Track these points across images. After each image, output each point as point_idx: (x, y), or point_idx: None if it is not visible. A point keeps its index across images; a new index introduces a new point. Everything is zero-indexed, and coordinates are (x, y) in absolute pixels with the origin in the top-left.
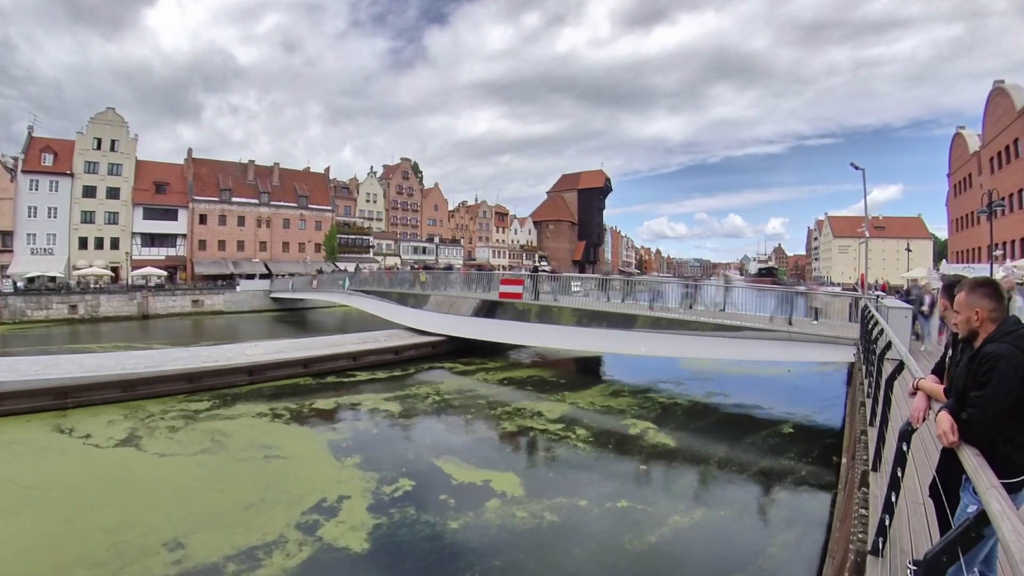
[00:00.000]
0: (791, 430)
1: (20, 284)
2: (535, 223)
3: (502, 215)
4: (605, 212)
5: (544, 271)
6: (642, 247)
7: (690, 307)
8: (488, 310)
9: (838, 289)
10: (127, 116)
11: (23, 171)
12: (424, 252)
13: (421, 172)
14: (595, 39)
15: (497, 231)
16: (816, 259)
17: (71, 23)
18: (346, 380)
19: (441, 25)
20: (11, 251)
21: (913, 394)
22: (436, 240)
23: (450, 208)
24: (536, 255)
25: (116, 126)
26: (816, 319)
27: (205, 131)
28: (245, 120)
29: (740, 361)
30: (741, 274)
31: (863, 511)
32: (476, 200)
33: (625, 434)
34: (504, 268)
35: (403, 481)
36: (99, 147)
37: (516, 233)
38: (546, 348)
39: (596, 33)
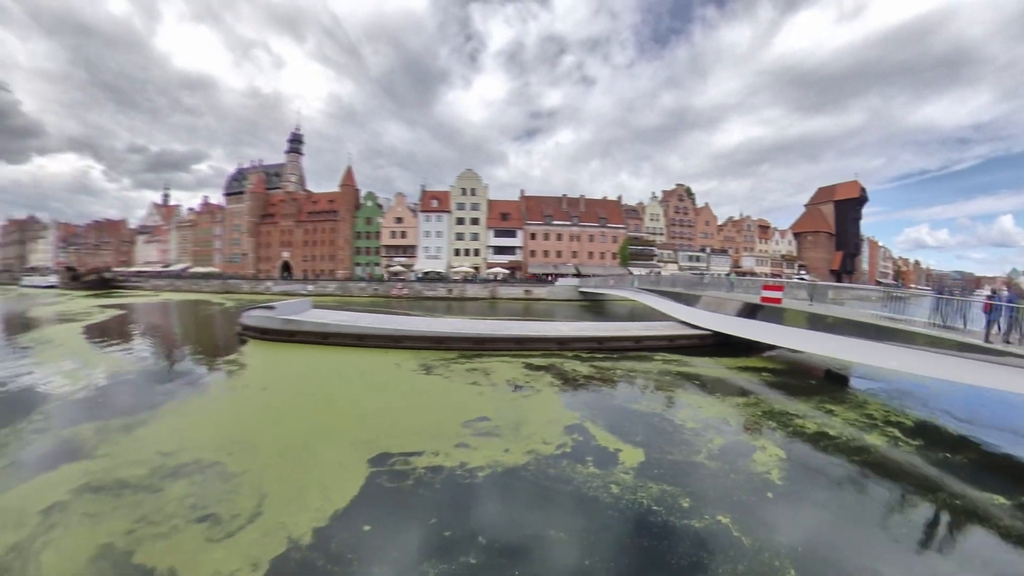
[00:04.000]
0: None
1: (419, 275)
2: (794, 234)
3: (764, 227)
4: (863, 221)
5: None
6: (899, 257)
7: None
8: (749, 312)
9: None
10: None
11: (420, 211)
12: (697, 260)
13: (693, 194)
14: (841, 14)
15: (760, 242)
16: None
17: (399, 110)
18: (626, 357)
19: (677, 40)
20: (415, 256)
21: None
22: (707, 250)
23: (719, 223)
24: (796, 264)
25: (474, 180)
26: None
27: (511, 171)
28: (538, 159)
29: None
30: (1008, 289)
31: None
32: (740, 215)
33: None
34: (767, 275)
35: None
36: (464, 193)
37: (777, 244)
38: (799, 351)
39: (841, 8)
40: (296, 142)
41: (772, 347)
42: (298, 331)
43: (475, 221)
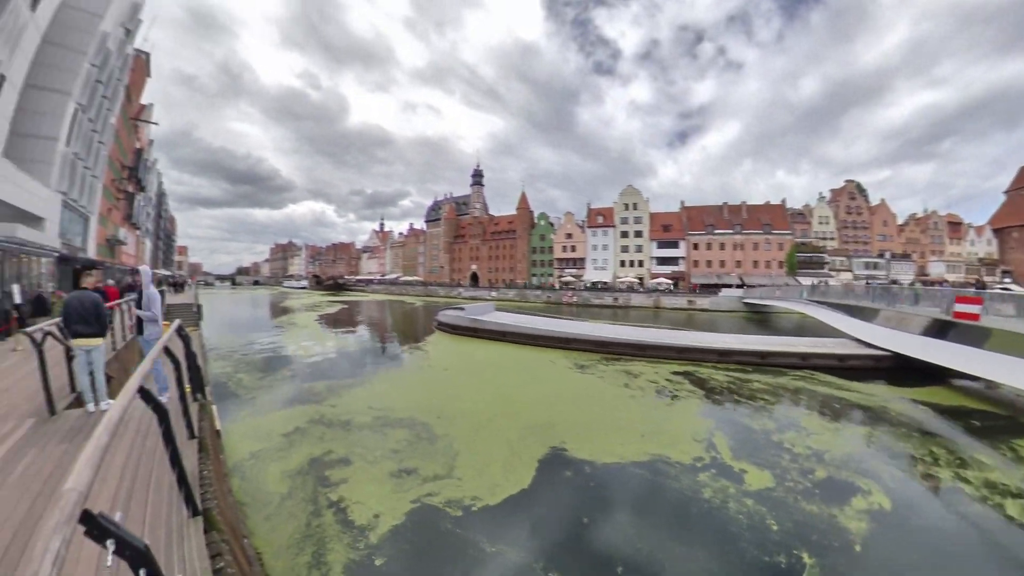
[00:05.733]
0: None
1: (587, 285)
2: (994, 231)
3: (955, 224)
4: None
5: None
6: None
7: None
8: (938, 330)
9: None
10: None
11: (588, 227)
12: (875, 267)
13: (865, 191)
14: None
15: (950, 242)
16: None
17: (544, 135)
18: (786, 374)
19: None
20: (584, 268)
21: None
22: (887, 256)
23: (899, 222)
24: (998, 270)
25: (635, 195)
26: None
27: (661, 180)
28: (687, 166)
29: None
30: None
31: None
32: (924, 210)
33: None
34: (975, 285)
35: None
36: (627, 208)
37: (972, 244)
38: (1001, 383)
39: None
40: (478, 176)
41: (968, 376)
42: (482, 329)
43: (638, 234)
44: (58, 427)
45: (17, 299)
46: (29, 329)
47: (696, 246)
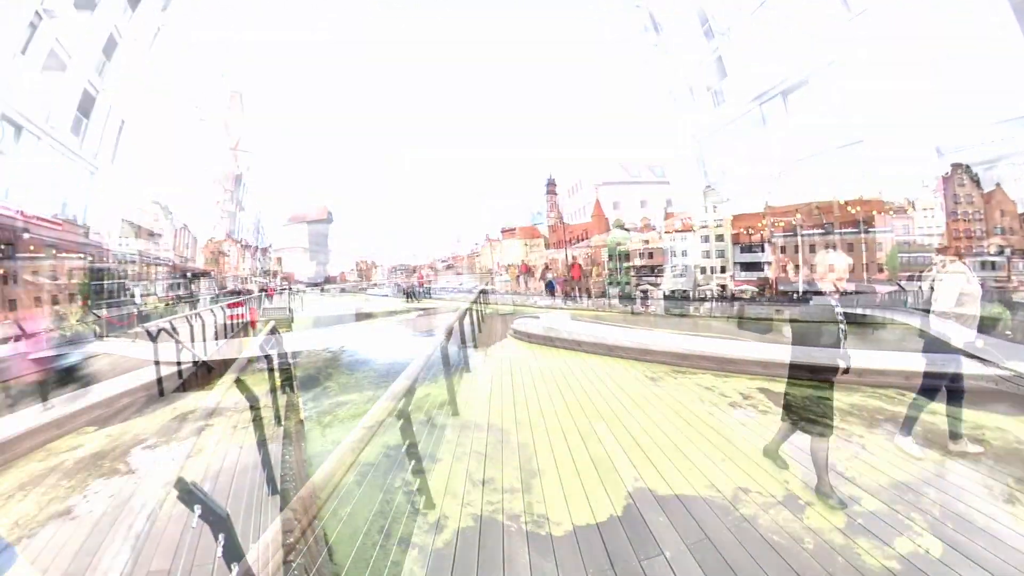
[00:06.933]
0: None
1: (666, 294)
2: None
3: None
4: None
5: None
6: None
7: None
8: None
9: None
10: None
11: (665, 232)
12: (993, 268)
13: (975, 173)
14: None
15: None
16: None
17: None
18: (862, 391)
19: None
20: (662, 276)
21: None
22: (1007, 252)
23: (1019, 210)
24: None
25: (713, 195)
26: None
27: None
28: None
29: None
30: None
31: None
32: None
33: None
34: None
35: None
36: (706, 211)
37: None
38: None
39: None
40: (551, 184)
41: None
42: (556, 338)
43: (720, 238)
44: (165, 407)
45: (138, 300)
46: (146, 324)
47: (783, 249)
